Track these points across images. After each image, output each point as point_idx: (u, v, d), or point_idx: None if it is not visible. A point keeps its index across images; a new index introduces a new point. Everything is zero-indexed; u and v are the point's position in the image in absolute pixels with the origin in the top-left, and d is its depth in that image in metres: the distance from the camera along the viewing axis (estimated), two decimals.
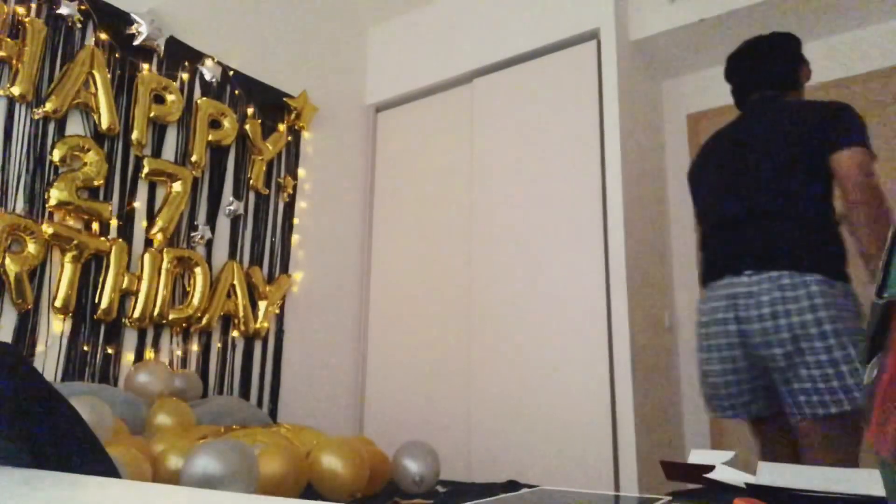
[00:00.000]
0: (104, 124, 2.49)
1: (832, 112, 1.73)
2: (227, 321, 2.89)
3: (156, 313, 2.56)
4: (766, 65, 1.89)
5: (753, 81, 1.90)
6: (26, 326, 2.22)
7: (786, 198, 1.74)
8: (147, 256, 2.56)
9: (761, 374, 1.78)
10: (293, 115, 3.28)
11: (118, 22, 2.61)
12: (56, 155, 2.34)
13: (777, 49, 1.88)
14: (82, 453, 0.72)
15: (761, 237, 1.76)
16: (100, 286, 2.42)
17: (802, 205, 1.73)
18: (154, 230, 2.62)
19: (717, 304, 1.82)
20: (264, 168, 3.12)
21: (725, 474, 0.87)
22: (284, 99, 3.26)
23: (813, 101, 1.79)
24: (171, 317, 2.62)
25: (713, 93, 3.36)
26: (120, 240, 2.49)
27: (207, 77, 2.91)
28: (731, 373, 1.80)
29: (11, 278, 2.17)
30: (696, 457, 1.02)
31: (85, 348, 2.37)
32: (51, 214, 2.32)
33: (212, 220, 2.88)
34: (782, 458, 1.84)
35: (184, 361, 2.69)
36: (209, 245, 2.85)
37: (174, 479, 1.66)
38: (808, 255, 1.69)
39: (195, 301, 2.70)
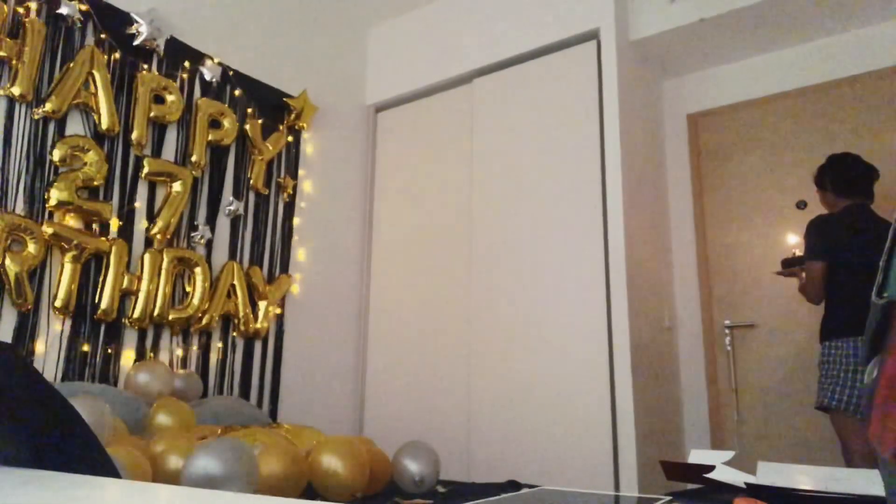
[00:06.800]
0: (104, 124, 2.49)
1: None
2: (227, 321, 2.89)
3: (156, 313, 2.56)
4: (872, 182, 2.58)
5: (865, 189, 2.56)
6: (26, 326, 2.22)
7: None
8: (147, 256, 2.56)
9: None
10: (293, 115, 3.28)
11: (118, 22, 2.61)
12: (56, 155, 2.34)
13: (874, 175, 2.57)
14: (82, 453, 0.72)
15: None
16: (100, 286, 2.42)
17: None
18: (154, 230, 2.61)
19: None
20: (264, 168, 3.12)
21: (725, 474, 0.87)
22: (284, 99, 3.26)
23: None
24: (171, 317, 2.62)
25: (713, 93, 3.36)
26: (120, 240, 2.48)
27: (207, 77, 2.91)
28: None
29: (11, 278, 2.16)
30: (696, 457, 1.02)
31: (85, 348, 2.37)
32: (51, 214, 2.32)
33: (212, 220, 2.88)
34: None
35: (184, 361, 2.69)
36: (209, 245, 2.85)
37: (174, 479, 1.66)
38: None
39: (195, 301, 2.70)
